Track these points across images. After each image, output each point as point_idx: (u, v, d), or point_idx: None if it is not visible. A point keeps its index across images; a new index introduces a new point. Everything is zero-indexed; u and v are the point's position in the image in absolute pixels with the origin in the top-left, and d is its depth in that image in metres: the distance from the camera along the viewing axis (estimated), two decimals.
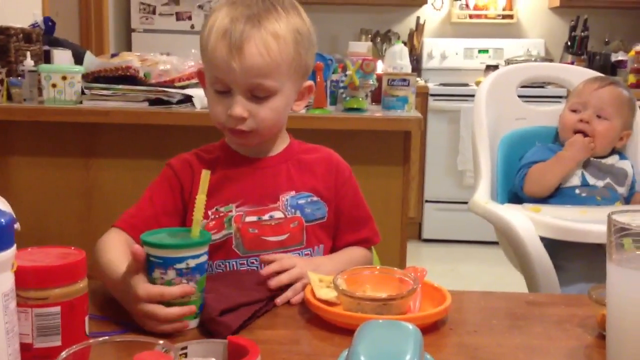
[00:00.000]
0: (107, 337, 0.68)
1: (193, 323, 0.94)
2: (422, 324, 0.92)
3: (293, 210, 1.19)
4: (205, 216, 1.16)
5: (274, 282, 1.04)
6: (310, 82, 1.24)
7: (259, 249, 1.17)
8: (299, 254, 1.18)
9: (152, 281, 0.93)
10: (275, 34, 1.11)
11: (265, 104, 1.13)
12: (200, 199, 0.96)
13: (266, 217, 1.18)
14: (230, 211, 1.17)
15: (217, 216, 1.17)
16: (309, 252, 1.20)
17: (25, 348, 0.76)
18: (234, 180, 1.20)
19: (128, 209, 1.20)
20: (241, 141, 1.18)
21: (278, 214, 1.18)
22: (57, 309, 0.78)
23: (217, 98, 1.14)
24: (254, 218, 1.17)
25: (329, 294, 1.00)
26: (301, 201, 1.20)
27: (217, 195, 1.17)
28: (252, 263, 1.16)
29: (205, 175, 0.97)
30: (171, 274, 0.92)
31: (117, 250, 1.07)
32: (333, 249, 1.25)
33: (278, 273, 1.06)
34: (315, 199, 1.21)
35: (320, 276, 1.04)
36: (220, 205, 1.17)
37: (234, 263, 1.17)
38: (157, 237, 0.96)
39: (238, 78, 1.10)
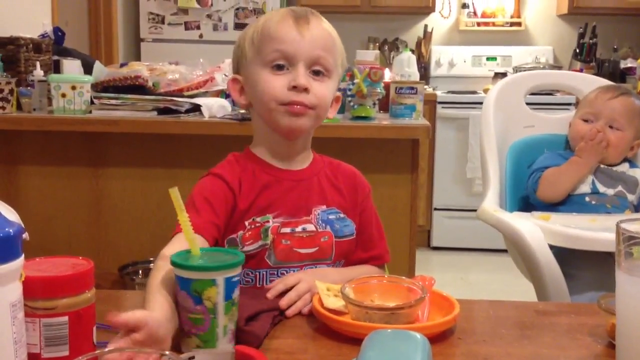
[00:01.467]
0: (113, 347, 0.69)
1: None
2: (431, 333, 0.92)
3: (324, 225, 1.19)
4: (242, 227, 1.16)
5: (284, 302, 1.03)
6: (339, 93, 1.27)
7: (290, 260, 1.16)
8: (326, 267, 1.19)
9: (232, 305, 0.88)
10: (330, 27, 1.20)
11: (322, 82, 1.16)
12: (183, 217, 0.91)
13: (299, 229, 1.18)
14: (268, 221, 1.16)
15: (253, 226, 1.16)
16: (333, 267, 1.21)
17: (33, 358, 0.77)
18: (270, 191, 1.19)
19: (190, 216, 1.12)
20: (295, 120, 1.15)
21: (310, 227, 1.18)
22: (65, 318, 0.78)
23: (276, 76, 1.14)
24: (287, 230, 1.17)
25: (337, 303, 0.99)
26: (331, 216, 1.21)
27: (254, 206, 1.16)
28: (282, 274, 1.16)
29: (174, 193, 0.91)
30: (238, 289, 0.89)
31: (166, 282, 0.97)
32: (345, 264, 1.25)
33: (285, 292, 1.06)
34: (342, 215, 1.22)
35: (328, 285, 1.04)
36: (257, 216, 1.16)
37: (263, 273, 1.16)
38: (210, 257, 0.91)
39: (305, 48, 1.13)
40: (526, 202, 1.97)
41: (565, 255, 1.69)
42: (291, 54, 1.13)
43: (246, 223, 1.16)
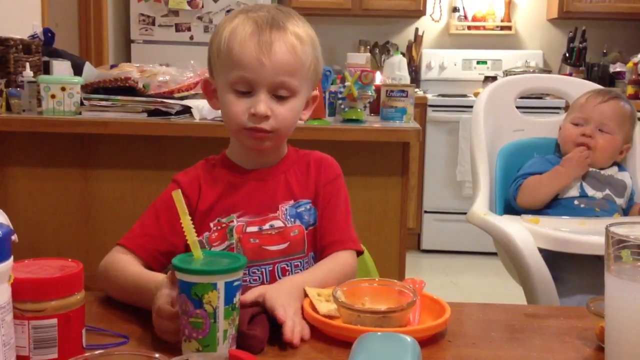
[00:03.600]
0: (103, 350, 0.68)
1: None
2: (422, 336, 0.92)
3: (293, 220, 1.19)
4: (207, 228, 1.17)
5: (288, 334, 0.94)
6: (316, 92, 1.25)
7: (260, 258, 1.16)
8: (300, 262, 1.19)
9: (232, 309, 0.86)
10: (298, 35, 1.14)
11: (286, 104, 1.15)
12: (186, 220, 0.92)
13: (266, 226, 1.18)
14: (232, 221, 1.17)
15: (219, 227, 1.17)
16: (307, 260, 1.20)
17: None
18: (235, 192, 1.19)
19: (133, 226, 1.19)
20: (258, 144, 1.16)
21: (278, 223, 1.18)
22: (54, 321, 0.77)
23: (238, 99, 1.14)
24: (254, 228, 1.17)
25: (329, 307, 0.99)
26: (300, 209, 1.21)
27: (219, 207, 1.18)
28: (254, 272, 1.16)
29: (177, 196, 0.92)
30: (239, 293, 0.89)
31: (135, 265, 1.08)
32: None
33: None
34: (310, 206, 1.22)
35: (318, 290, 1.04)
36: (222, 217, 1.18)
37: None
38: (212, 261, 0.90)
39: (266, 75, 1.11)
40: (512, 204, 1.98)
41: (554, 259, 1.70)
42: (252, 81, 1.12)
43: (211, 224, 1.17)
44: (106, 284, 1.12)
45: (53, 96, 2.24)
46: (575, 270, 1.73)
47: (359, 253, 1.23)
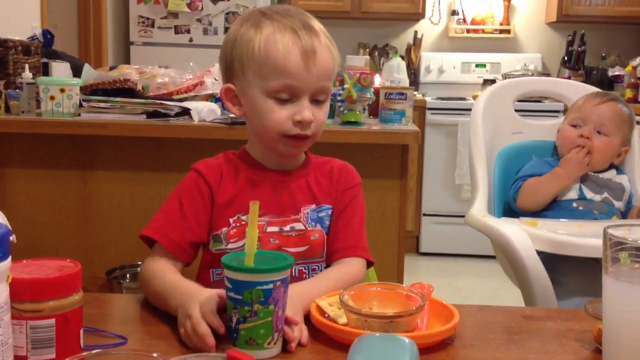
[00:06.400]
0: (101, 350, 0.68)
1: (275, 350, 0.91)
2: (431, 342, 0.92)
3: (314, 224, 1.19)
4: (227, 223, 1.16)
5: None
6: None
7: None
8: (317, 266, 1.19)
9: (274, 308, 0.89)
10: (328, 38, 1.16)
11: (322, 107, 1.16)
12: (254, 232, 0.91)
13: (287, 228, 1.17)
14: None
15: (238, 224, 1.16)
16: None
17: None
18: (254, 189, 1.18)
19: (155, 216, 1.16)
20: (296, 149, 1.18)
21: (299, 226, 1.18)
22: (52, 321, 0.77)
23: (280, 106, 1.12)
24: (275, 229, 1.16)
25: (344, 317, 0.98)
26: (322, 214, 1.20)
27: (238, 202, 1.17)
28: None
29: (254, 208, 0.91)
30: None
31: (170, 273, 1.09)
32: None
33: None
34: (331, 212, 1.21)
35: (329, 300, 1.02)
36: (242, 214, 1.16)
37: None
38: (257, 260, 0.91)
39: (312, 81, 1.11)
40: (512, 207, 1.98)
41: (552, 261, 1.70)
42: (297, 88, 1.11)
43: (231, 220, 1.16)
44: (145, 290, 1.10)
45: (52, 98, 2.24)
46: (573, 273, 1.73)
47: (370, 264, 1.23)
